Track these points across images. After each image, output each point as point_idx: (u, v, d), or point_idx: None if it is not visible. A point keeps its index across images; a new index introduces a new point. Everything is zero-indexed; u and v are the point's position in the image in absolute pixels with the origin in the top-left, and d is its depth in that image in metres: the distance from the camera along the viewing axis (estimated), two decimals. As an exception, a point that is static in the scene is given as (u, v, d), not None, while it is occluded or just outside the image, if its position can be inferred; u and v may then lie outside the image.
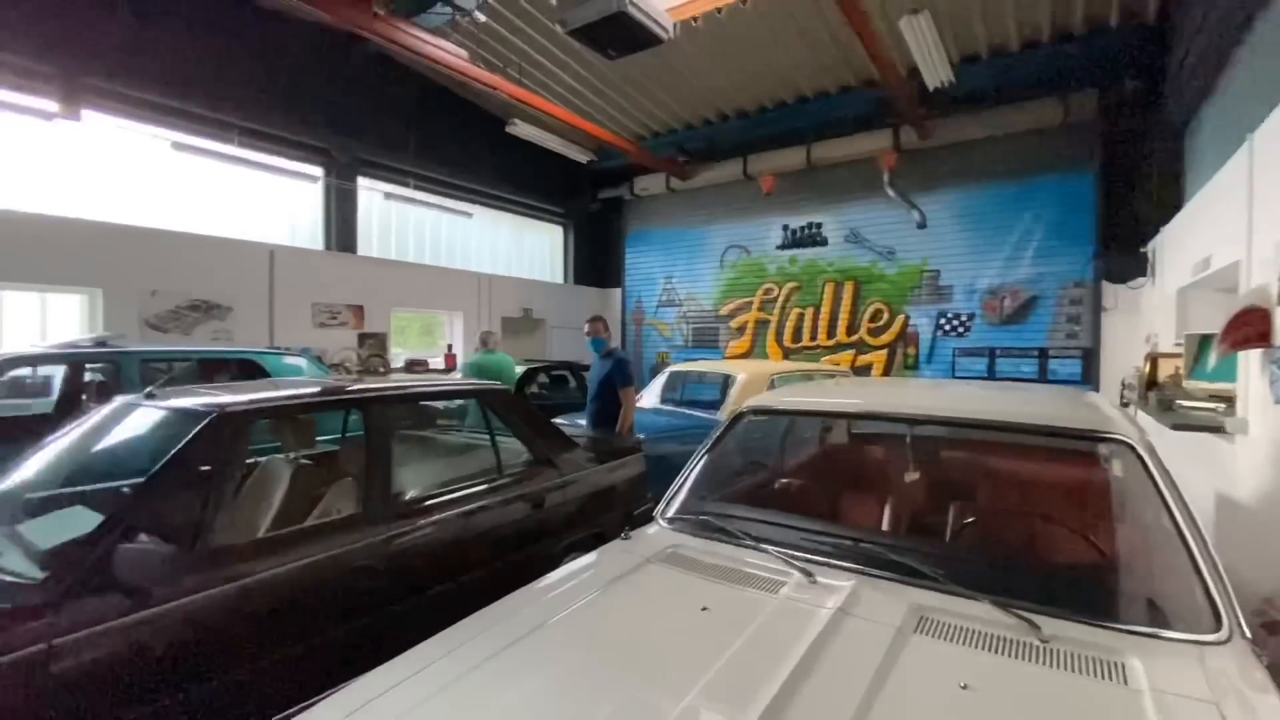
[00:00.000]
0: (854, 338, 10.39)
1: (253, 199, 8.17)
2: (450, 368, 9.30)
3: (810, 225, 10.83)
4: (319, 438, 3.43)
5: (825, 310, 10.68)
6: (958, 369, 9.42)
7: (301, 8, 5.86)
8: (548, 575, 1.95)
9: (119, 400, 2.83)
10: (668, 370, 6.82)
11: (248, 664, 2.02)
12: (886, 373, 10.03)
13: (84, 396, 4.72)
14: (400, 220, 10.05)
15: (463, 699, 1.33)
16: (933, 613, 1.58)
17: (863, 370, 10.10)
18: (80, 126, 6.48)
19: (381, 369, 8.52)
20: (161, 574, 1.78)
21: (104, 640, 1.72)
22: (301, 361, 5.63)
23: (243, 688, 2.00)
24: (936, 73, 6.90)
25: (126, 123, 6.90)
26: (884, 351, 10.10)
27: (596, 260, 13.41)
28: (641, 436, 4.49)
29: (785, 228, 11.05)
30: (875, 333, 10.20)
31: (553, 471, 3.24)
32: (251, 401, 2.42)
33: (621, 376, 4.77)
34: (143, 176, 7.19)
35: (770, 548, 1.89)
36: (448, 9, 6.76)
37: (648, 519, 2.33)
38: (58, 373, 4.82)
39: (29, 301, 6.52)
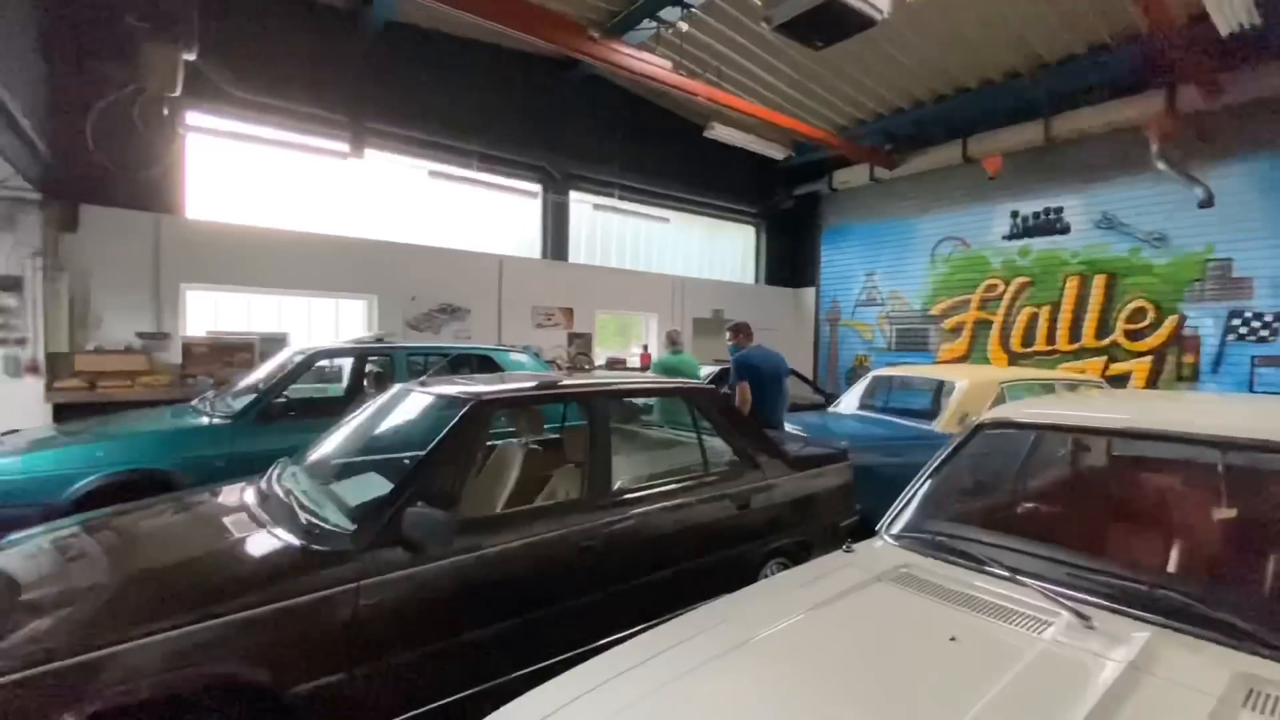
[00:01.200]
0: (1105, 342, 8.76)
1: (487, 215, 9.35)
2: (645, 366, 9.72)
3: (1047, 211, 9.37)
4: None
5: (1066, 309, 9.16)
6: (1258, 382, 7.46)
7: (526, 39, 6.54)
8: (760, 582, 1.92)
9: (397, 386, 3.41)
10: (870, 374, 6.37)
11: (481, 626, 2.27)
12: (1151, 384, 8.29)
13: (365, 383, 5.80)
14: (605, 228, 10.77)
15: (670, 708, 1.30)
16: (1266, 685, 1.25)
17: (1118, 381, 8.46)
18: (362, 163, 7.97)
19: (587, 365, 9.24)
20: (437, 535, 2.09)
21: (392, 585, 2.07)
22: (525, 358, 6.28)
23: (479, 647, 2.26)
24: (1233, 13, 5.51)
25: (395, 157, 8.34)
26: (1147, 359, 8.37)
27: (789, 259, 13.07)
28: (845, 444, 4.25)
29: (1014, 215, 9.70)
30: (1135, 336, 8.50)
31: (757, 473, 3.21)
32: (502, 392, 2.75)
33: (733, 374, 5.13)
34: (406, 201, 8.63)
35: (1028, 580, 1.65)
36: (653, 24, 7.07)
37: (859, 532, 2.19)
38: (346, 364, 5.99)
39: (326, 306, 8.18)
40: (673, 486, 2.98)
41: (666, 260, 11.74)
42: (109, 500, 3.69)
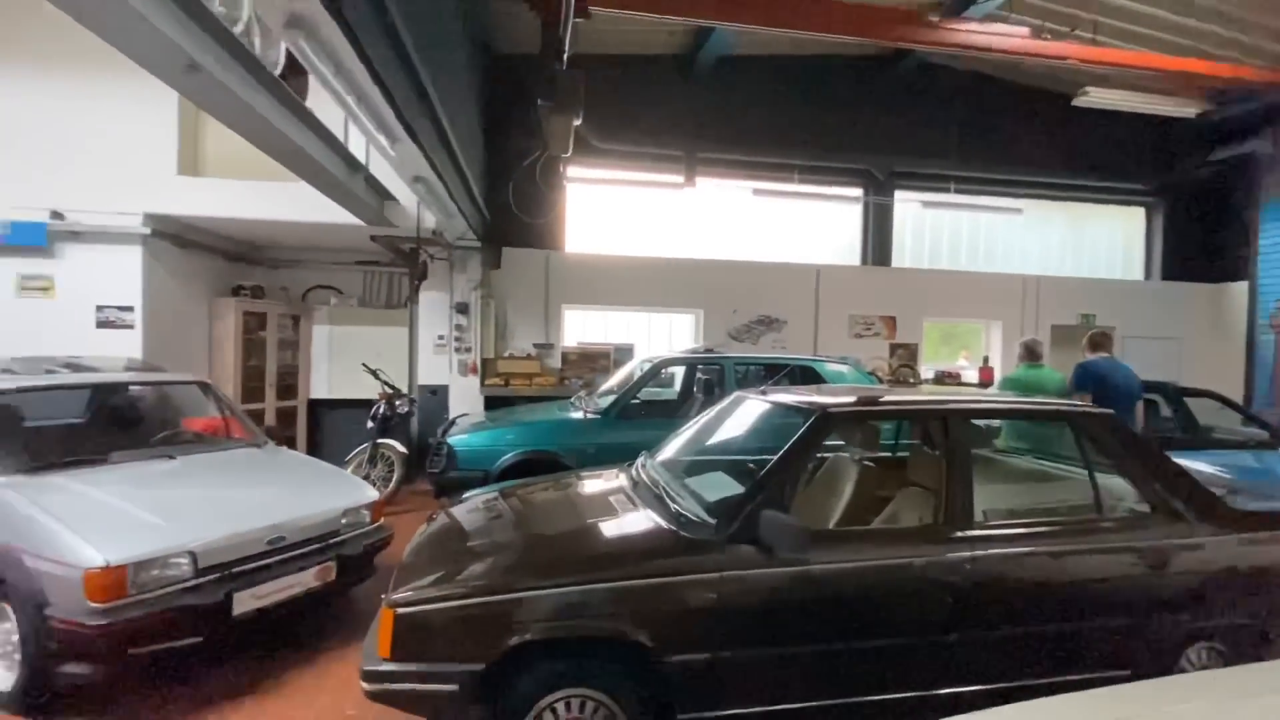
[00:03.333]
0: None
1: (804, 226, 9.40)
2: (985, 382, 8.48)
3: None
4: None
5: None
6: None
7: (850, 37, 6.36)
8: (1203, 674, 1.47)
9: (735, 394, 3.66)
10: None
11: (810, 642, 2.26)
12: None
13: (695, 389, 6.37)
14: (934, 227, 9.80)
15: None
16: None
17: None
18: (694, 190, 8.78)
19: (911, 379, 8.51)
20: (792, 542, 2.18)
21: (748, 582, 2.22)
22: (846, 369, 6.10)
23: (804, 661, 2.26)
24: None
25: (722, 181, 8.99)
26: None
27: (1201, 247, 9.95)
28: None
29: None
30: None
31: (1180, 526, 2.51)
32: (848, 403, 2.72)
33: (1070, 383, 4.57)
34: (730, 220, 9.23)
35: None
36: (1004, -11, 6.19)
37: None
38: (678, 370, 6.67)
39: (661, 320, 9.24)
40: (1054, 528, 2.54)
41: (1014, 258, 10.09)
42: (517, 473, 4.83)
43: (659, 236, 9.04)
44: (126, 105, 5.87)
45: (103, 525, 2.81)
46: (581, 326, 8.68)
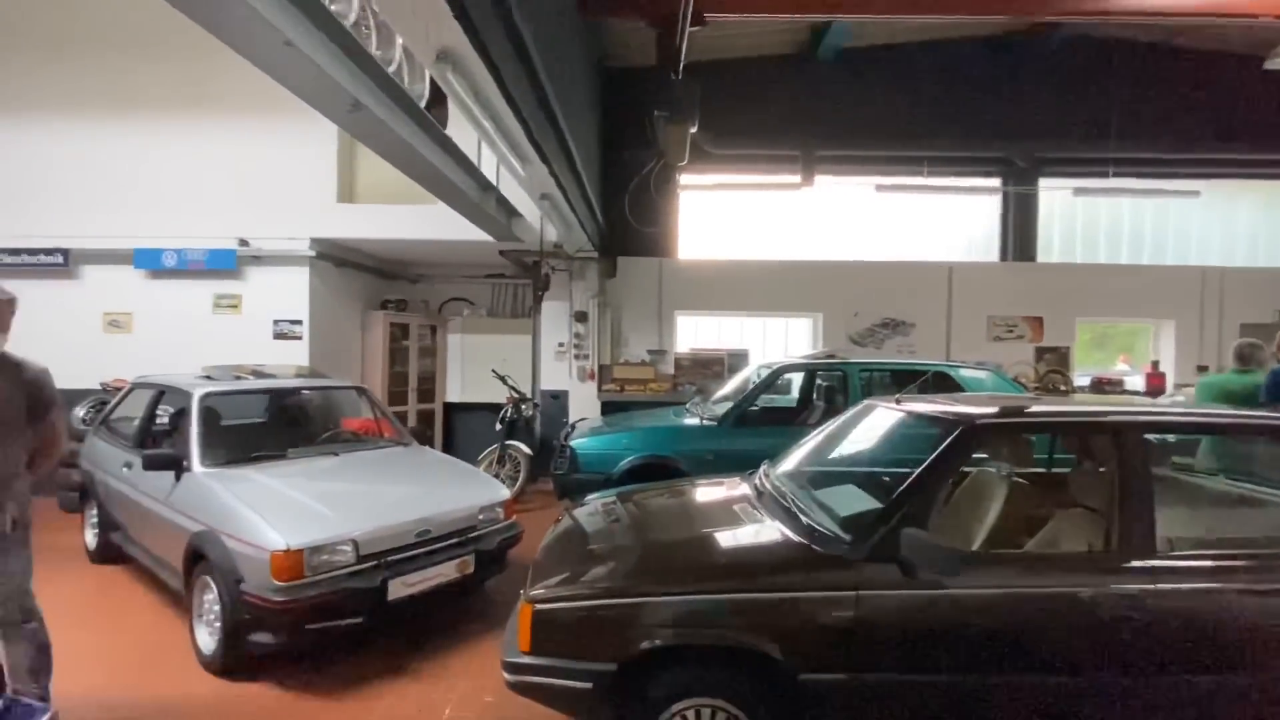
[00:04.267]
0: None
1: (933, 222, 8.79)
2: (1155, 389, 7.45)
3: None
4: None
5: None
6: None
7: (991, 20, 5.86)
8: None
9: (864, 402, 3.48)
10: None
11: (955, 674, 2.09)
12: None
13: (814, 396, 6.14)
14: (1088, 217, 8.78)
15: None
16: None
17: None
18: (810, 190, 8.49)
19: (1063, 386, 7.66)
20: (937, 563, 2.03)
21: (889, 602, 2.09)
22: (985, 375, 5.61)
23: (945, 692, 2.09)
24: None
25: (842, 179, 8.63)
26: None
27: None
28: None
29: None
30: None
31: None
32: (999, 414, 2.50)
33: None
34: (850, 219, 8.83)
35: None
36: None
37: None
38: (797, 377, 6.47)
39: (777, 325, 9.01)
40: (1257, 562, 2.18)
41: (1189, 248, 8.81)
42: (635, 477, 4.91)
43: (774, 239, 8.84)
44: (295, 144, 6.71)
45: (284, 513, 3.20)
46: (694, 332, 8.68)
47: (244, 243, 6.65)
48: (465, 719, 2.83)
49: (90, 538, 4.77)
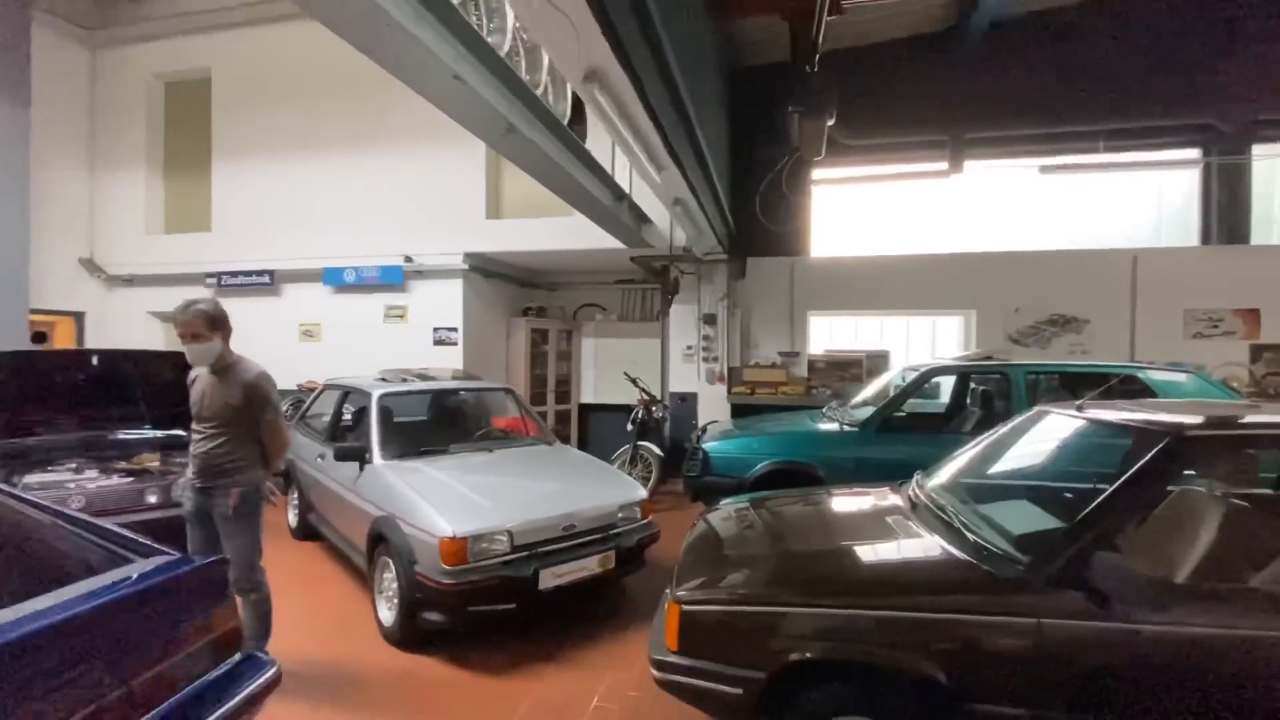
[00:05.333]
0: None
1: (1109, 204, 7.75)
2: None
3: None
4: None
5: None
6: None
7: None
8: None
9: (1037, 408, 3.14)
10: None
11: None
12: None
13: (969, 402, 5.64)
14: (1324, 187, 7.27)
15: None
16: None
17: None
18: (960, 177, 7.83)
19: (1290, 392, 6.39)
20: (1139, 596, 1.79)
21: (1077, 635, 1.87)
22: (1183, 378, 4.83)
23: None
24: None
25: (997, 162, 7.87)
26: None
27: None
28: None
29: None
30: None
31: None
32: (1212, 423, 2.16)
33: None
34: (1007, 206, 8.02)
35: None
36: None
37: None
38: (945, 380, 5.96)
39: (923, 324, 8.40)
40: None
41: None
42: (769, 482, 4.80)
43: (916, 233, 8.26)
44: (449, 168, 7.38)
45: (450, 503, 3.51)
46: (828, 333, 8.34)
47: (409, 259, 7.41)
48: (611, 710, 2.93)
49: (292, 518, 5.56)
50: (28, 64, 6.93)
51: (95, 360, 4.87)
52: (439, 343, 7.41)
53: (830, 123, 5.00)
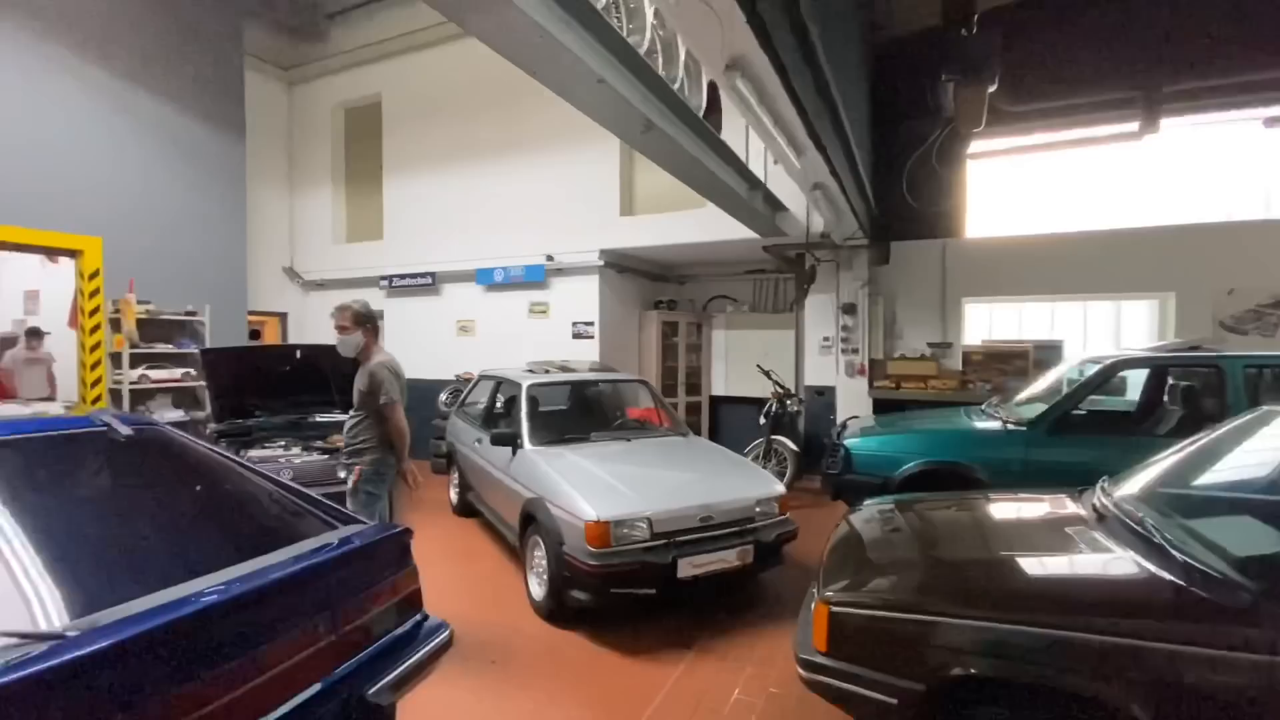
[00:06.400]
0: None
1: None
2: None
3: None
4: None
5: None
6: None
7: None
8: None
9: (1264, 408, 2.65)
10: None
11: None
12: None
13: (1167, 399, 4.85)
14: None
15: None
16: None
17: None
18: (1154, 138, 6.73)
19: None
20: None
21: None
22: None
23: None
24: None
25: (1203, 117, 6.67)
26: None
27: None
28: None
29: None
30: None
31: None
32: None
33: None
34: (1216, 169, 6.78)
35: None
36: None
37: None
38: (1137, 375, 5.17)
39: (1104, 310, 7.37)
40: None
41: None
42: (919, 484, 4.47)
43: (1095, 205, 7.24)
44: (585, 169, 7.67)
45: (594, 489, 3.68)
46: (987, 322, 7.58)
47: (550, 258, 7.83)
48: (753, 705, 2.91)
49: (453, 495, 6.13)
50: (242, 103, 8.22)
51: (298, 354, 5.68)
52: (577, 336, 7.76)
53: (992, 89, 4.54)
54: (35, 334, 7.36)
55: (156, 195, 7.25)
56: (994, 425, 4.66)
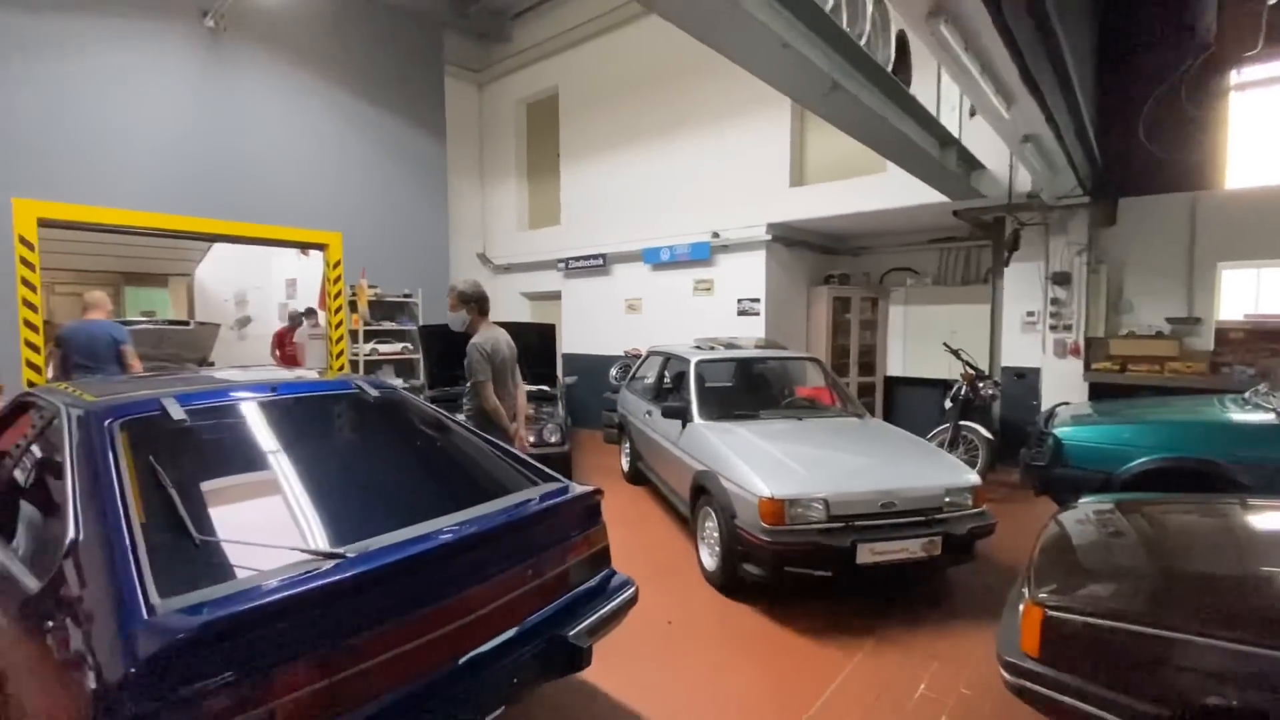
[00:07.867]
0: None
1: None
2: None
3: None
4: None
5: None
6: None
7: None
8: None
9: None
10: None
11: None
12: None
13: None
14: None
15: None
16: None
17: None
18: None
19: None
20: None
21: None
22: None
23: None
24: None
25: None
26: None
27: None
28: None
29: None
30: None
31: None
32: None
33: None
34: None
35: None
36: None
37: None
38: None
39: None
40: None
41: None
42: (1152, 482, 3.80)
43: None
44: (752, 142, 7.48)
45: (767, 466, 3.65)
46: (1253, 293, 6.14)
47: (715, 235, 7.80)
48: (941, 703, 2.73)
49: (624, 463, 6.46)
50: (443, 107, 9.22)
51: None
52: (742, 313, 7.68)
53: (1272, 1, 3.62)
54: (311, 314, 9.07)
55: (377, 194, 8.45)
56: (1263, 418, 3.81)
